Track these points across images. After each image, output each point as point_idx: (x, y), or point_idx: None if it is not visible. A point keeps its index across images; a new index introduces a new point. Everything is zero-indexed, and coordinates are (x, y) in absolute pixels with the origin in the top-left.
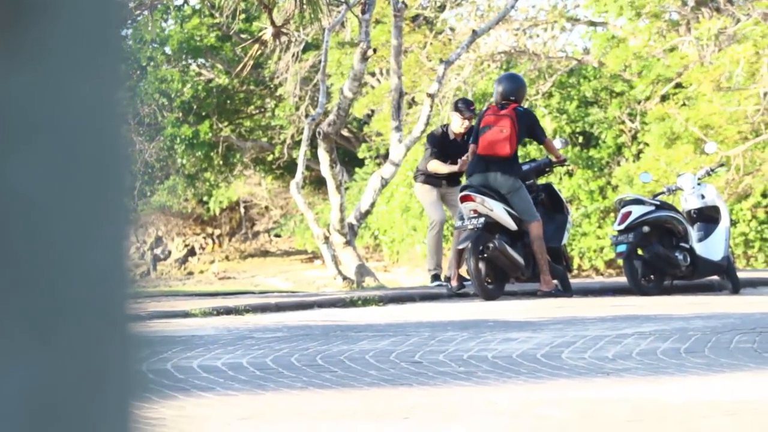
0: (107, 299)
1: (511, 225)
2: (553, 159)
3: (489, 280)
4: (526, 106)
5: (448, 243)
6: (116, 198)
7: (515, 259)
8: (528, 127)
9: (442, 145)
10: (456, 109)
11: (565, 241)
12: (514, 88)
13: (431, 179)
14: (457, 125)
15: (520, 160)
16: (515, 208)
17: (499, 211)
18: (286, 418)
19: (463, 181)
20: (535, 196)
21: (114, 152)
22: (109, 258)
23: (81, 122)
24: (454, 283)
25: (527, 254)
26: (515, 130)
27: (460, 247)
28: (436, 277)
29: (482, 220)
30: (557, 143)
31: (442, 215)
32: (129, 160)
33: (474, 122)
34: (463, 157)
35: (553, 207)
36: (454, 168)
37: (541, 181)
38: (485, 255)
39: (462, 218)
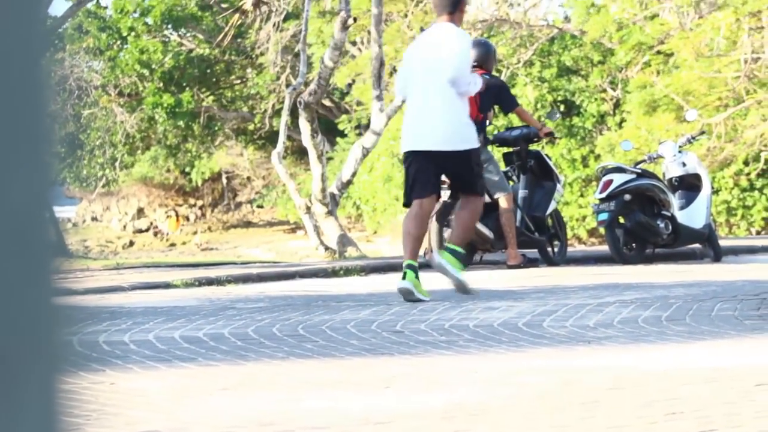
0: (30, 267)
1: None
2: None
3: None
4: (496, 75)
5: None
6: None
7: (481, 232)
8: (495, 96)
9: None
10: None
11: (550, 210)
12: (482, 53)
13: None
14: None
15: (505, 128)
16: (485, 180)
17: None
18: (267, 388)
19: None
20: (523, 164)
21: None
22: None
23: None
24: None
25: (498, 226)
26: (476, 102)
27: None
28: None
29: (448, 191)
30: (550, 115)
31: None
32: (50, 118)
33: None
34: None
35: (542, 175)
36: None
37: (534, 147)
38: (450, 228)
39: None
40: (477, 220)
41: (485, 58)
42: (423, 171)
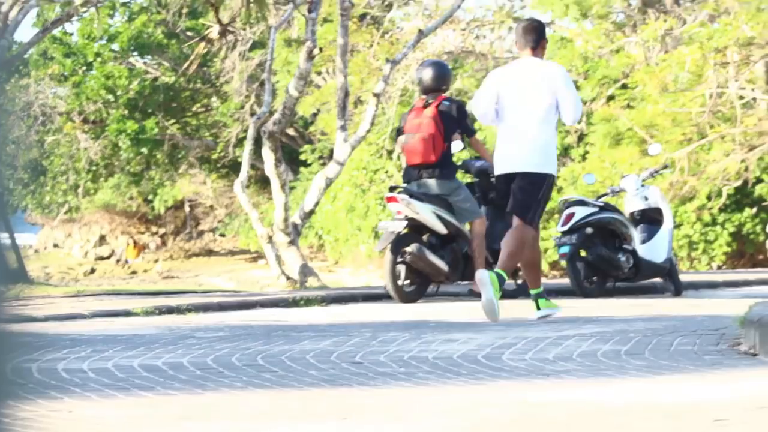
0: None
1: (440, 229)
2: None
3: (410, 282)
4: (453, 97)
5: None
6: None
7: (435, 264)
8: (457, 122)
9: None
10: None
11: None
12: (441, 74)
13: None
14: None
15: (471, 158)
16: (456, 208)
17: (425, 215)
18: (225, 418)
19: None
20: (484, 195)
21: None
22: None
23: None
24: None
25: (456, 258)
26: (440, 132)
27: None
28: None
29: (404, 223)
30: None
31: None
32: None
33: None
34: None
35: (504, 207)
36: None
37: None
38: (403, 259)
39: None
40: (522, 247)
41: (444, 80)
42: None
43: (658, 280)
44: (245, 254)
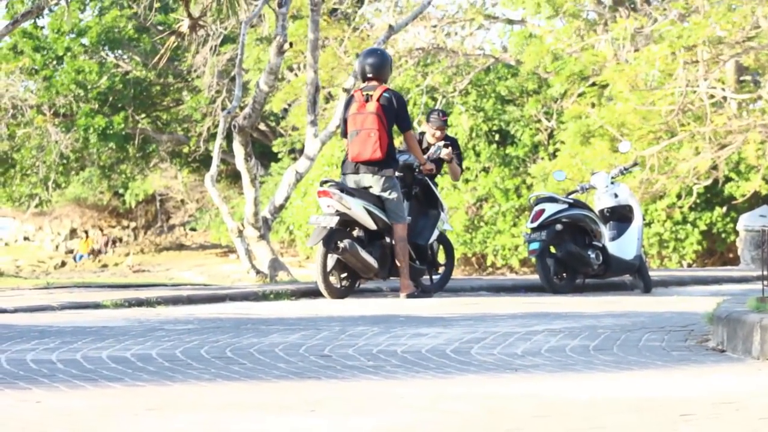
0: None
1: (371, 225)
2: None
3: (342, 277)
4: (395, 90)
5: None
6: None
7: (366, 261)
8: (396, 116)
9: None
10: (427, 120)
11: (433, 239)
12: (377, 63)
13: None
14: (430, 135)
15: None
16: (386, 206)
17: (357, 210)
18: (192, 409)
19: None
20: (408, 191)
21: None
22: None
23: None
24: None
25: (384, 254)
26: (384, 127)
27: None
28: None
29: (336, 218)
30: (434, 149)
31: None
32: None
33: (445, 131)
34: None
35: (428, 203)
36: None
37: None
38: (336, 254)
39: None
40: None
41: (381, 69)
42: None
43: (627, 277)
44: (216, 248)
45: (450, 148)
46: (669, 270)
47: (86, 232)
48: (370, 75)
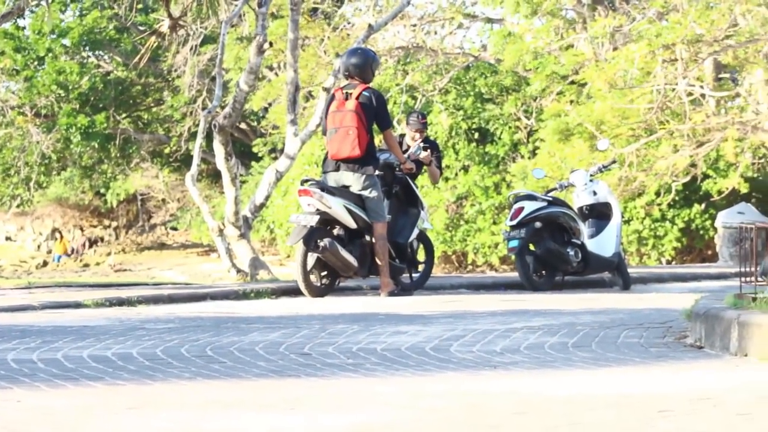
0: None
1: (351, 224)
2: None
3: (323, 276)
4: (375, 88)
5: None
6: None
7: (346, 259)
8: (376, 114)
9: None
10: (407, 122)
11: (412, 237)
12: (360, 63)
13: None
14: (409, 138)
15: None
16: (366, 205)
17: (337, 209)
18: (173, 408)
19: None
20: (388, 189)
21: None
22: None
23: None
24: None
25: (364, 253)
26: (363, 125)
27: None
28: None
29: (316, 217)
30: (414, 148)
31: None
32: None
33: (425, 133)
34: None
35: (407, 201)
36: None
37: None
38: (316, 253)
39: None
40: None
41: (363, 68)
42: None
43: (606, 274)
44: (197, 247)
45: (429, 151)
46: (648, 267)
47: (60, 233)
48: (352, 74)
